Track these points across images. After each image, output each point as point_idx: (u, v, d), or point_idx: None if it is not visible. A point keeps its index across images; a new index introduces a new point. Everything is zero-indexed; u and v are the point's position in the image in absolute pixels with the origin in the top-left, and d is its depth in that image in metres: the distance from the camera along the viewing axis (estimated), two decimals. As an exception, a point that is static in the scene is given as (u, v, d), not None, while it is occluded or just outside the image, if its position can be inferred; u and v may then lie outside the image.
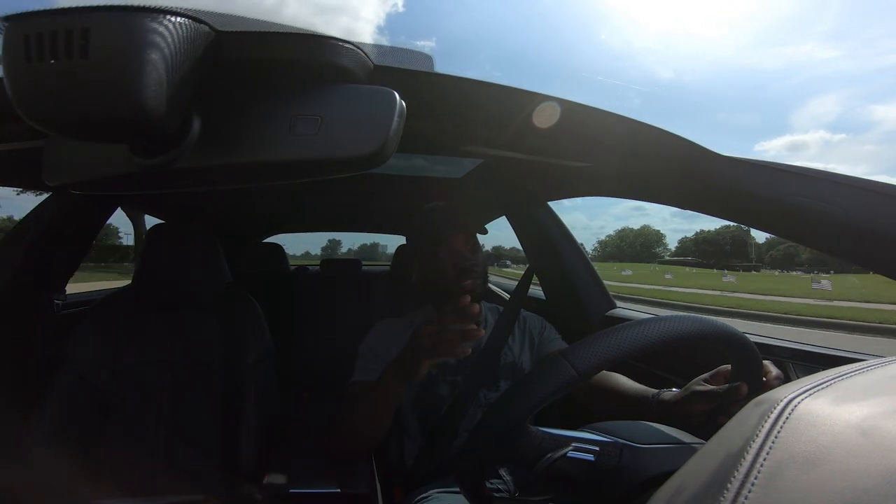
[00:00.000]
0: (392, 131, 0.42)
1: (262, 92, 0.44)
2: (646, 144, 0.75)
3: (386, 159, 0.43)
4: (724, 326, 0.58)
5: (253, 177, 0.46)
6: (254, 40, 0.40)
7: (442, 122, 0.68)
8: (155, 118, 0.34)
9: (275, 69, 0.43)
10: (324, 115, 0.42)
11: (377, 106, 0.43)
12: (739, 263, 63.46)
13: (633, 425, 0.63)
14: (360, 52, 0.46)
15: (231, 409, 1.14)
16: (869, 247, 0.60)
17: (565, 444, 0.55)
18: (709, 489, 0.23)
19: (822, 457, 0.21)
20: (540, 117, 0.64)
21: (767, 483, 0.21)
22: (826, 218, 0.61)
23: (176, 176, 0.45)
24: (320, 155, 0.42)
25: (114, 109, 0.32)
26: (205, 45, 0.36)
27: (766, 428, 0.23)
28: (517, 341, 1.11)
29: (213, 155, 0.44)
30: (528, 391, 0.52)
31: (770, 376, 0.65)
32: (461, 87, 0.58)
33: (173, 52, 0.33)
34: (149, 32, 0.32)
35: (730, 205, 0.78)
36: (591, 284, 1.50)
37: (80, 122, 0.34)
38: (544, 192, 1.45)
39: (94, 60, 0.31)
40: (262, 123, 0.43)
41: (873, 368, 0.28)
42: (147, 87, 0.32)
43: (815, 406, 0.24)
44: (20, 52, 0.31)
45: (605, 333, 0.53)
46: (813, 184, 0.63)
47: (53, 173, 0.49)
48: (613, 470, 0.55)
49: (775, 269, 52.59)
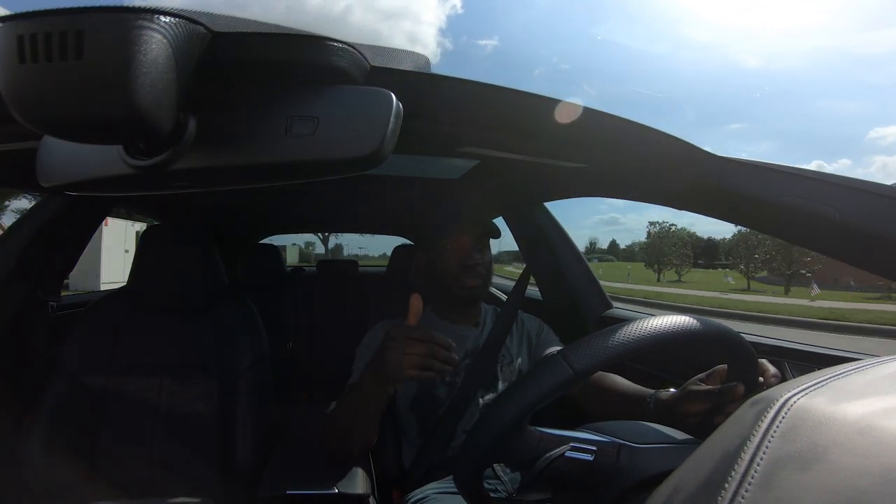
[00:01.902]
0: (388, 132, 0.42)
1: (258, 93, 0.44)
2: (640, 145, 0.76)
3: (382, 160, 0.43)
4: (719, 326, 0.58)
5: (249, 178, 0.46)
6: (249, 41, 0.40)
7: (438, 123, 0.67)
8: (150, 119, 0.34)
9: (271, 70, 0.43)
10: (320, 117, 0.42)
11: (373, 107, 0.43)
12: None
13: (631, 425, 0.63)
14: (357, 52, 0.46)
15: (227, 411, 1.14)
16: (863, 247, 0.60)
17: (563, 444, 0.55)
18: (706, 489, 0.23)
19: (819, 456, 0.21)
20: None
21: (764, 483, 0.21)
22: (820, 219, 0.61)
23: (171, 177, 0.45)
24: (316, 156, 0.42)
25: (108, 110, 0.32)
26: (200, 45, 0.36)
27: (763, 427, 0.23)
28: (515, 343, 1.11)
29: (208, 156, 0.44)
30: (526, 391, 0.52)
31: (767, 375, 0.65)
32: (458, 87, 0.58)
33: (168, 53, 0.33)
34: (143, 33, 0.32)
35: (724, 205, 0.78)
36: (587, 285, 1.51)
37: (75, 124, 0.33)
38: (541, 193, 1.46)
39: (88, 61, 0.31)
40: (258, 125, 0.43)
41: (870, 367, 0.29)
42: (142, 88, 0.32)
43: (812, 405, 0.24)
44: (13, 53, 0.31)
45: (603, 333, 0.53)
46: (807, 184, 0.63)
47: (48, 174, 0.49)
48: (611, 470, 0.55)
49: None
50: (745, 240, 23.77)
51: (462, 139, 0.74)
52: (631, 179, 0.91)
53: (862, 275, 15.63)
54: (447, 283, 1.03)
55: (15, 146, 0.64)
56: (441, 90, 0.59)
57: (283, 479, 0.84)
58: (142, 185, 0.48)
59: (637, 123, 0.69)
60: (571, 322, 1.46)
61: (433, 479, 0.96)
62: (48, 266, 1.25)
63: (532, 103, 0.63)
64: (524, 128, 0.71)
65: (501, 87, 0.59)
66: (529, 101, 0.62)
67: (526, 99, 0.61)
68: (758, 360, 0.63)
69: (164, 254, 1.23)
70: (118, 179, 0.45)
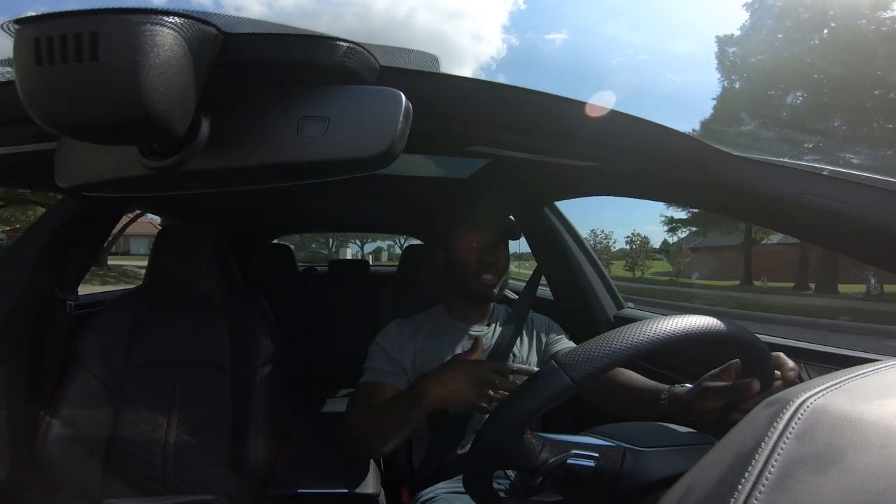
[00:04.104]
0: (398, 132, 0.42)
1: (270, 94, 0.44)
2: (655, 144, 0.75)
3: (392, 160, 0.43)
4: (723, 324, 0.55)
5: (261, 178, 0.46)
6: (260, 42, 0.40)
7: (448, 123, 0.67)
8: (164, 120, 0.34)
9: (282, 71, 0.43)
10: (331, 117, 0.42)
11: (384, 106, 0.43)
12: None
13: (638, 427, 0.62)
14: (367, 53, 0.46)
15: (240, 409, 1.15)
16: (882, 247, 0.59)
17: (566, 450, 0.55)
18: (719, 490, 0.22)
19: (835, 458, 0.21)
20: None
21: (778, 484, 0.21)
22: (839, 217, 0.60)
23: (185, 178, 0.45)
24: (327, 156, 0.42)
25: (123, 112, 0.33)
26: (213, 46, 0.37)
27: (779, 429, 0.23)
28: (525, 342, 1.11)
29: (221, 157, 0.44)
30: (523, 402, 0.52)
31: (785, 369, 0.63)
32: (467, 86, 0.58)
33: (181, 55, 0.34)
34: (157, 35, 0.32)
35: (741, 205, 0.77)
36: (599, 284, 1.50)
37: (91, 125, 0.34)
38: (551, 192, 1.45)
39: (103, 63, 0.31)
40: (269, 125, 0.43)
41: (888, 369, 0.28)
42: (156, 89, 0.32)
43: (829, 406, 0.23)
44: (30, 55, 0.32)
45: (601, 339, 0.52)
46: (826, 183, 0.62)
47: (65, 175, 0.50)
48: (616, 475, 0.54)
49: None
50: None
51: (472, 138, 0.73)
52: (644, 178, 0.90)
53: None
54: (465, 278, 1.03)
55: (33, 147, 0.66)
56: (450, 89, 0.59)
57: (294, 478, 0.85)
58: (157, 186, 0.49)
59: (651, 122, 0.68)
60: (583, 322, 1.45)
61: (443, 478, 0.96)
62: (66, 265, 1.27)
63: (542, 102, 0.63)
64: (534, 126, 0.71)
65: (511, 86, 0.58)
66: (539, 99, 0.62)
67: (536, 97, 0.61)
68: (771, 356, 0.61)
69: (179, 253, 1.25)
70: (134, 180, 0.46)
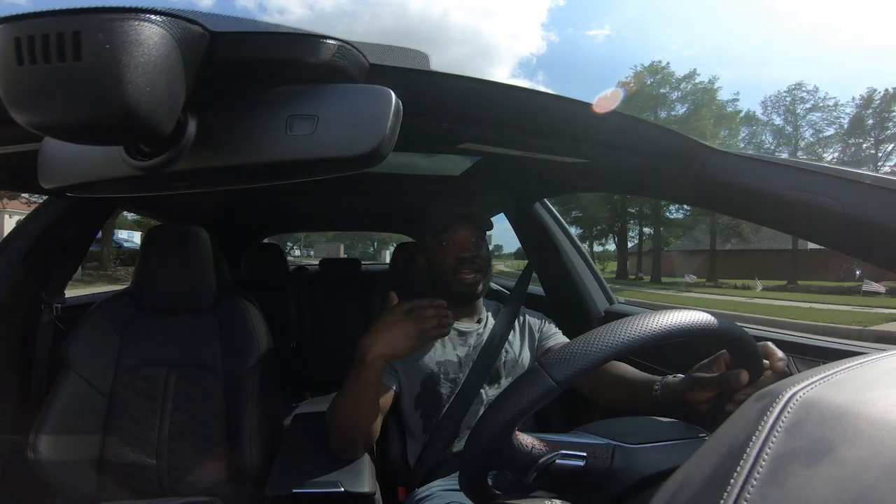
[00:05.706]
0: (388, 130, 0.42)
1: (258, 92, 0.44)
2: (641, 139, 0.75)
3: (383, 158, 0.43)
4: (708, 319, 0.55)
5: (250, 178, 0.46)
6: (248, 41, 0.40)
7: (438, 120, 0.67)
8: (149, 120, 0.34)
9: (270, 69, 0.43)
10: (320, 115, 0.42)
11: (373, 105, 0.42)
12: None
13: (628, 423, 0.63)
14: (356, 50, 0.45)
15: (233, 410, 1.14)
16: (866, 240, 0.60)
17: (554, 450, 0.55)
18: (711, 485, 0.22)
19: (825, 450, 0.21)
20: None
21: (770, 478, 0.21)
22: (823, 211, 0.61)
23: (172, 178, 0.45)
24: (317, 154, 0.42)
25: (107, 112, 0.32)
26: (199, 45, 0.36)
27: (769, 423, 0.23)
28: (518, 338, 1.11)
29: (209, 156, 0.44)
30: (508, 404, 0.52)
31: (774, 358, 0.64)
32: (457, 84, 0.58)
33: (167, 54, 0.33)
34: (141, 34, 0.32)
35: (726, 199, 0.78)
36: (590, 280, 1.51)
37: (74, 125, 0.33)
38: (542, 189, 1.45)
39: (86, 63, 0.31)
40: (258, 124, 0.43)
41: (875, 361, 0.28)
42: (141, 88, 0.32)
43: (818, 400, 0.24)
44: (12, 54, 0.31)
45: (584, 338, 0.52)
46: (809, 177, 0.63)
47: (49, 176, 0.49)
48: (605, 472, 0.55)
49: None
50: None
51: (462, 136, 0.74)
52: (633, 174, 0.90)
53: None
54: (445, 279, 1.04)
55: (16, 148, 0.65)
56: (441, 87, 0.59)
57: (289, 478, 0.85)
58: (143, 186, 0.48)
59: (638, 119, 0.69)
60: (574, 318, 1.46)
61: (438, 475, 0.96)
62: (52, 267, 1.25)
63: (532, 99, 0.63)
64: (525, 123, 0.71)
65: (501, 83, 0.58)
66: (530, 96, 0.62)
67: (526, 94, 0.61)
68: (758, 347, 0.61)
69: (167, 254, 1.23)
70: (119, 180, 0.45)
